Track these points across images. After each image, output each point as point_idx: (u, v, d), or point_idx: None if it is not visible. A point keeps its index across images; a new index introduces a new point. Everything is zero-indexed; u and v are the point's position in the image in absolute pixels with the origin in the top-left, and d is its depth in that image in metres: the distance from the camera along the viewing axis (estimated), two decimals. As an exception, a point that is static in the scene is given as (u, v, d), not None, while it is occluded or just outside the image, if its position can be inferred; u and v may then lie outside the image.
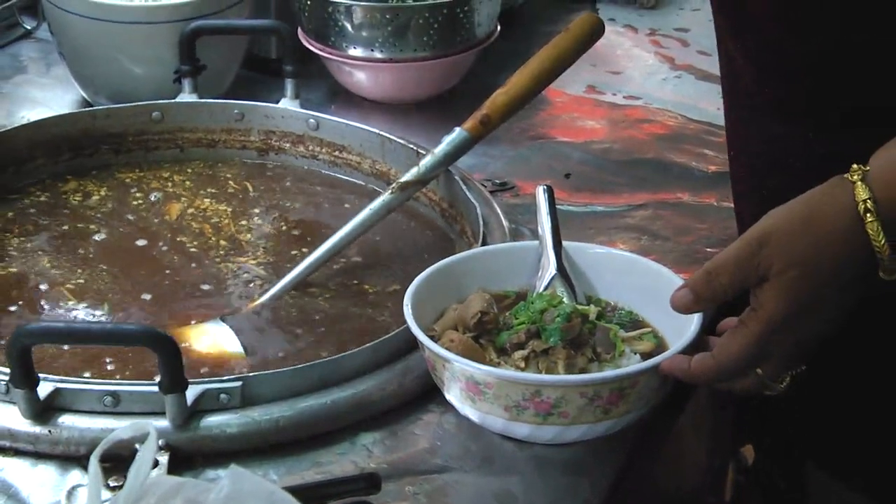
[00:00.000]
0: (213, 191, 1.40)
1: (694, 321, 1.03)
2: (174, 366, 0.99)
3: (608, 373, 1.00)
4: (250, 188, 1.40)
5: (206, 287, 1.23)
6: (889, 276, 0.94)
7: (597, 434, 1.02)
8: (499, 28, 1.60)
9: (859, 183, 0.93)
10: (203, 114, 1.45)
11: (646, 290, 1.12)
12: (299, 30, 1.57)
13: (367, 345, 1.08)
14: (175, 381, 0.99)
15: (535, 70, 1.34)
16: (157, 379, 1.00)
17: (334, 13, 1.51)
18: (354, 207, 1.30)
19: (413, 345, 1.09)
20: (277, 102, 1.46)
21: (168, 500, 0.74)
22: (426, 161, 1.29)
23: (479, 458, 1.04)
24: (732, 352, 0.97)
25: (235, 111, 1.45)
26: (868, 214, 0.93)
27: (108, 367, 1.11)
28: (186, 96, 1.46)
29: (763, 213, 0.97)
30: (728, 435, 1.52)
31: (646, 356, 1.05)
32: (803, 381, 1.03)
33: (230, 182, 1.41)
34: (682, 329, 1.04)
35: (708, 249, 1.31)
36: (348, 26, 1.52)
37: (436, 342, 1.03)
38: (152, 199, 1.36)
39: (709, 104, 1.63)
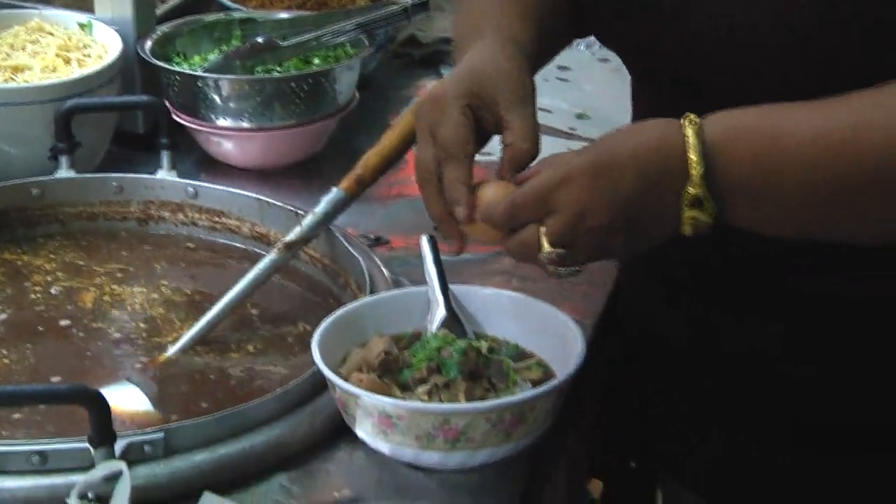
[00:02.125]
0: (106, 267, 1.44)
1: (577, 346, 1.13)
2: (104, 420, 1.04)
3: (511, 398, 1.09)
4: (138, 262, 1.46)
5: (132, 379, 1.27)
6: (697, 189, 0.98)
7: (500, 456, 1.11)
8: (357, 95, 1.69)
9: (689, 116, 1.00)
10: (82, 189, 1.50)
11: (528, 323, 1.22)
12: (167, 103, 1.63)
13: (278, 391, 1.16)
14: (104, 435, 1.05)
15: (404, 130, 1.42)
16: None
17: (203, 87, 1.59)
18: (241, 270, 1.36)
19: (319, 388, 1.17)
20: (152, 174, 1.52)
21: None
22: (307, 221, 1.37)
23: (392, 488, 1.12)
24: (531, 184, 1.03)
25: (114, 184, 1.51)
26: (690, 129, 0.99)
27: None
28: (64, 172, 1.51)
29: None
30: (584, 466, 1.62)
31: (536, 383, 1.15)
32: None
33: (121, 258, 1.46)
34: (565, 356, 1.14)
35: (574, 288, 1.41)
36: (217, 99, 1.59)
37: (344, 383, 1.11)
38: (53, 291, 1.40)
39: (555, 154, 1.74)
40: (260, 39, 1.68)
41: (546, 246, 1.03)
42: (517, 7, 1.20)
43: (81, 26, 1.67)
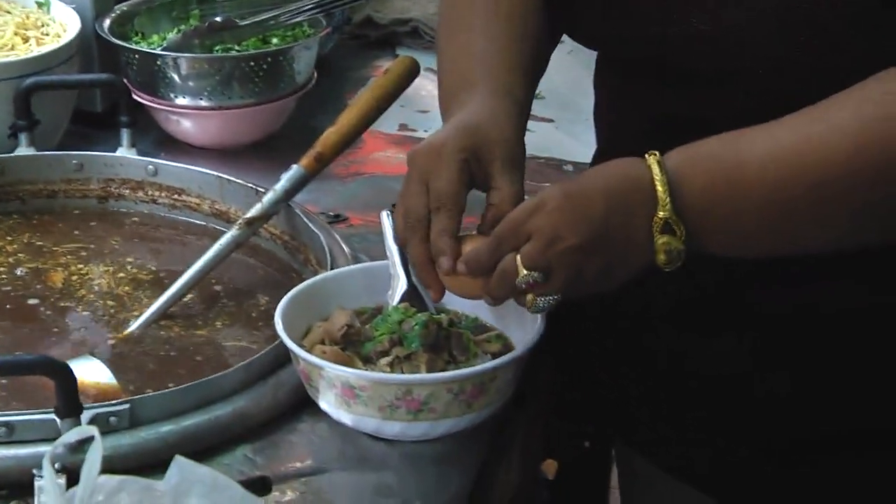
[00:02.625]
0: (69, 246, 1.45)
1: (536, 319, 1.16)
2: (70, 391, 1.05)
3: (472, 369, 1.12)
4: (100, 240, 1.46)
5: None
6: (666, 212, 1.02)
7: (462, 427, 1.13)
8: (315, 75, 1.71)
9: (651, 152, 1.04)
10: (43, 166, 1.51)
11: (487, 298, 1.24)
12: (126, 82, 1.64)
13: (242, 363, 1.17)
14: (71, 406, 1.06)
15: (362, 109, 1.45)
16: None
17: (162, 66, 1.60)
18: (203, 247, 1.38)
19: (282, 361, 1.18)
20: (111, 152, 1.53)
21: (114, 496, 0.81)
22: (268, 197, 1.39)
23: (355, 459, 1.14)
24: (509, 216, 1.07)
25: (74, 162, 1.51)
26: (652, 159, 1.02)
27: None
28: (24, 150, 1.52)
29: None
30: (539, 443, 1.65)
31: (495, 355, 1.17)
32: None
33: (82, 236, 1.47)
34: (523, 329, 1.17)
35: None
36: (176, 77, 1.60)
37: (308, 355, 1.13)
38: (18, 272, 1.40)
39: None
40: (218, 18, 1.70)
41: (522, 270, 1.06)
42: (502, 43, 1.22)
43: (39, 5, 1.68)
